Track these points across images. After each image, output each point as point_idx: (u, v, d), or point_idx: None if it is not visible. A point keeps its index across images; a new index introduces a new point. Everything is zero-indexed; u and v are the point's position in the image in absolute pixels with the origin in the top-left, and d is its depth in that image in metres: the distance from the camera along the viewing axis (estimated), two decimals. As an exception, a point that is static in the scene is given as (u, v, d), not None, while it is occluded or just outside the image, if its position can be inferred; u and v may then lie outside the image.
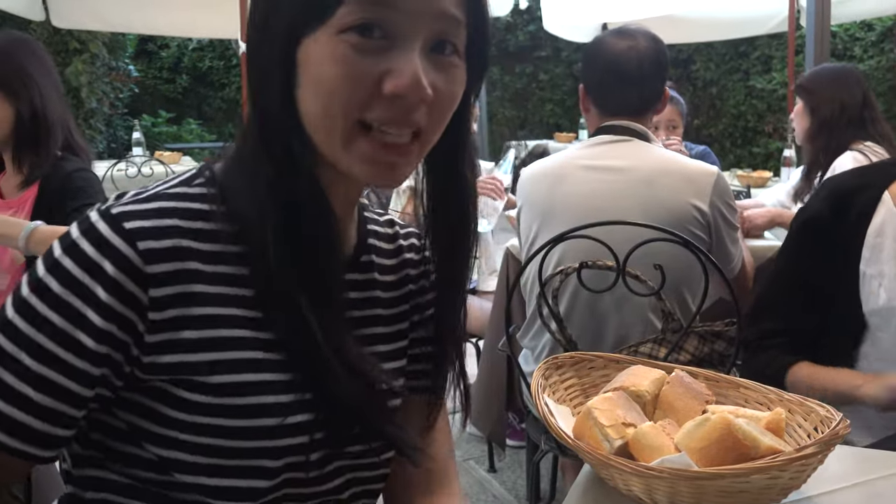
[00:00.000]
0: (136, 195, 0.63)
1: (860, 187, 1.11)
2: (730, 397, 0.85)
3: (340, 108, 0.58)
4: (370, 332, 0.73)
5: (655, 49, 1.64)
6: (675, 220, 1.52)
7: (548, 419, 0.79)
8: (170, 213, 0.61)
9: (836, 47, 6.33)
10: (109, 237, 0.58)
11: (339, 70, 0.57)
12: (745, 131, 7.37)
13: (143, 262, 0.58)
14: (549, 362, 0.92)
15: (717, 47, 7.34)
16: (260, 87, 0.62)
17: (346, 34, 0.57)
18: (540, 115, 8.67)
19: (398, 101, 0.58)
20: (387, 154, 0.60)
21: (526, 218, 1.71)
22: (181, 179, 0.66)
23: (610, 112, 1.66)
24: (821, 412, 0.74)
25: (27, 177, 1.62)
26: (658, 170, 1.56)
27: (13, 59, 1.59)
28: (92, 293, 0.58)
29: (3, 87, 1.57)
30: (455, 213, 0.70)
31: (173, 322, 0.60)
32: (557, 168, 1.68)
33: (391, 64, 0.58)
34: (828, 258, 1.10)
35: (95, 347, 0.58)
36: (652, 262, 1.40)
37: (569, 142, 6.37)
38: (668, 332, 1.53)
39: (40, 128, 1.60)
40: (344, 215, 0.70)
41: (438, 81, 0.60)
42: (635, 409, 0.80)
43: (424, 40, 0.59)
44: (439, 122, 0.62)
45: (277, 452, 0.63)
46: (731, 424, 0.68)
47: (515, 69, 8.59)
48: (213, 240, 0.62)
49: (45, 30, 6.04)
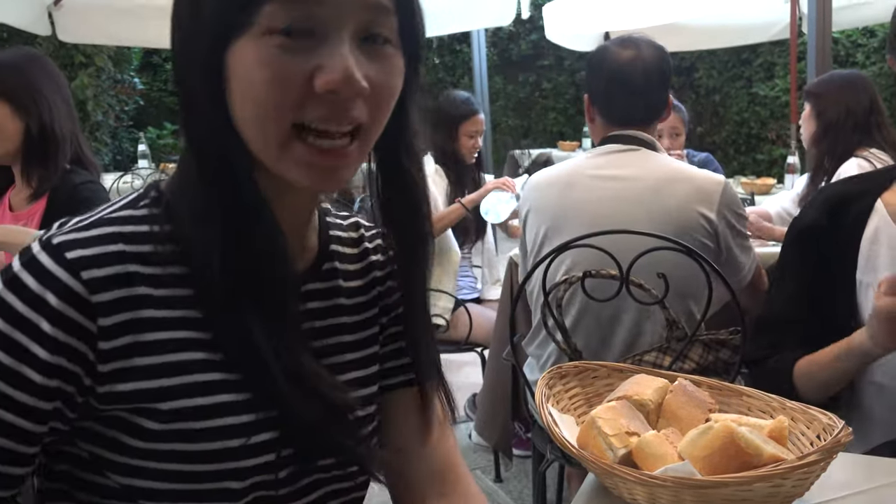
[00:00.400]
0: (78, 222, 0.61)
1: (854, 195, 1.12)
2: (733, 405, 0.86)
3: (273, 112, 0.56)
4: (335, 342, 0.72)
5: (659, 58, 1.65)
6: (681, 228, 1.53)
7: (552, 429, 0.79)
8: (113, 239, 0.60)
9: (838, 53, 6.33)
10: (51, 268, 0.57)
11: (267, 73, 0.55)
12: (749, 138, 7.37)
13: (87, 291, 0.57)
14: (552, 372, 0.92)
15: (720, 55, 7.35)
16: (190, 95, 0.60)
17: (272, 36, 0.55)
18: (543, 124, 8.69)
19: (332, 97, 0.56)
20: (324, 159, 0.58)
21: (532, 224, 1.71)
22: (127, 201, 0.64)
23: (616, 122, 1.67)
24: (823, 420, 0.74)
25: (36, 190, 1.64)
26: (665, 178, 1.57)
27: (23, 75, 1.62)
28: (36, 327, 0.56)
29: (12, 102, 1.60)
30: (404, 206, 0.69)
31: (125, 350, 0.59)
32: (565, 176, 1.69)
33: (321, 60, 0.56)
34: (825, 267, 1.10)
35: (44, 382, 0.57)
36: (656, 270, 1.40)
37: (572, 150, 6.38)
38: (672, 341, 1.54)
39: (49, 142, 1.63)
40: (297, 224, 0.69)
41: (373, 73, 0.57)
42: (639, 417, 0.80)
43: (353, 32, 0.57)
44: (379, 115, 0.60)
45: (243, 473, 0.63)
46: (734, 433, 0.68)
47: (518, 78, 8.61)
48: (160, 262, 0.61)
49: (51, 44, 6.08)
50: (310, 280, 0.71)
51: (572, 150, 6.35)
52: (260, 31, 0.55)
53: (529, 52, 8.42)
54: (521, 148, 6.48)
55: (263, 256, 0.61)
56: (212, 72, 0.57)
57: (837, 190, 1.17)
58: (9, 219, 1.68)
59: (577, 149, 6.39)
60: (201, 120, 0.60)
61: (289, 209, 0.65)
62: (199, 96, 0.59)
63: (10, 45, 6.76)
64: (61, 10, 3.81)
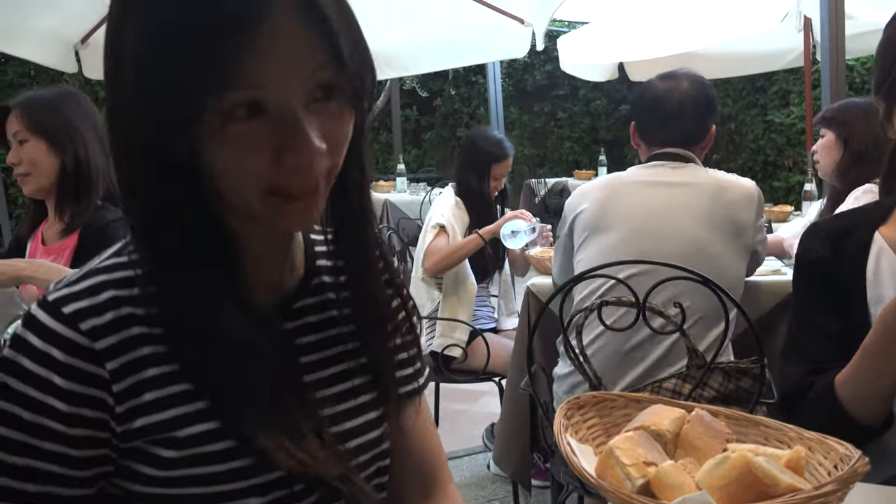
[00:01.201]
0: (69, 279, 0.65)
1: (851, 229, 1.12)
2: (750, 436, 0.86)
3: (247, 184, 0.59)
4: (335, 352, 0.75)
5: (697, 90, 1.83)
6: (737, 231, 1.74)
7: (570, 459, 0.80)
8: (103, 287, 0.63)
9: (853, 80, 6.34)
10: (51, 325, 0.61)
11: (235, 161, 0.58)
12: (765, 165, 7.36)
13: (89, 340, 0.61)
14: (570, 402, 0.93)
15: (735, 83, 7.38)
16: (153, 168, 0.60)
17: (232, 123, 0.57)
18: (559, 153, 8.73)
19: (301, 171, 0.59)
20: (299, 205, 0.62)
21: (581, 228, 1.83)
22: (114, 250, 0.68)
23: (656, 146, 1.86)
24: (840, 450, 0.75)
25: (68, 225, 1.68)
26: (718, 185, 1.77)
27: (61, 112, 1.68)
28: (49, 382, 0.60)
29: (49, 139, 1.66)
30: (346, 211, 0.71)
31: (133, 389, 0.62)
32: (615, 183, 1.85)
33: (283, 140, 0.58)
34: (838, 302, 1.10)
35: (69, 431, 0.60)
36: (684, 294, 1.46)
37: (588, 179, 6.40)
38: (692, 368, 1.55)
39: (83, 179, 1.67)
40: (276, 249, 0.72)
41: (327, 129, 0.60)
42: (656, 448, 0.81)
43: (304, 101, 0.59)
44: (337, 160, 0.63)
45: (262, 489, 0.65)
46: (751, 463, 0.69)
47: (534, 108, 8.68)
48: (148, 303, 0.63)
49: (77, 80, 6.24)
50: (301, 296, 0.74)
51: (588, 179, 6.37)
52: (220, 119, 0.57)
53: (544, 82, 8.50)
54: (536, 177, 6.51)
55: (225, 288, 0.64)
56: (182, 155, 0.59)
57: (835, 224, 1.16)
58: (41, 253, 1.73)
59: (593, 177, 6.42)
60: (170, 187, 0.61)
61: (260, 236, 0.68)
62: (167, 158, 0.59)
63: (38, 81, 6.95)
64: (88, 49, 3.93)
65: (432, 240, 2.68)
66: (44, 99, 1.71)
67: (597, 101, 8.48)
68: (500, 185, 2.86)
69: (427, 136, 8.87)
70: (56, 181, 1.68)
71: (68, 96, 1.74)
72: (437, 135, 8.80)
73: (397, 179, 5.93)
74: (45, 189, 1.69)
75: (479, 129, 2.99)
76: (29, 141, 1.66)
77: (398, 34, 4.12)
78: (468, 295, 2.73)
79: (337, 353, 0.75)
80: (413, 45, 4.33)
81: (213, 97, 0.55)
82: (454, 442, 2.97)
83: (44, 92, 1.74)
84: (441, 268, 2.66)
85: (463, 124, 8.61)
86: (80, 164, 1.67)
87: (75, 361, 0.60)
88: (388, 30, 4.02)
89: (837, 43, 3.10)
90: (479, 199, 2.79)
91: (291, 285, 0.74)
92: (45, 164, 1.67)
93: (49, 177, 1.68)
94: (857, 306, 1.08)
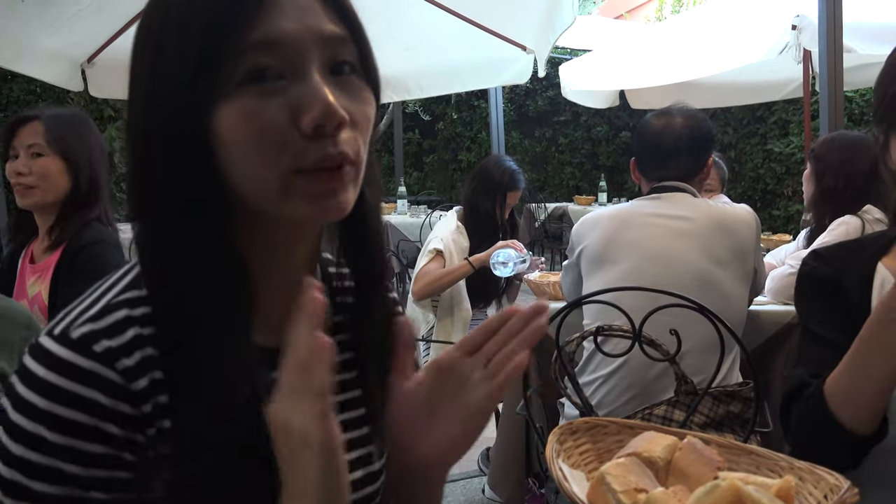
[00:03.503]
0: (84, 310, 0.60)
1: (854, 257, 1.11)
2: (741, 464, 0.87)
3: (267, 160, 0.56)
4: (348, 398, 0.72)
5: (691, 126, 1.88)
6: (742, 255, 1.79)
7: (562, 484, 0.80)
8: (128, 325, 0.59)
9: (852, 112, 6.39)
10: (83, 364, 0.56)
11: (252, 127, 0.56)
12: (765, 194, 7.40)
13: (125, 380, 0.57)
14: (563, 427, 0.94)
15: (735, 112, 7.44)
16: (170, 169, 0.58)
17: (243, 87, 0.56)
18: (559, 178, 8.78)
19: (320, 131, 0.56)
20: (324, 183, 0.58)
21: (587, 260, 1.87)
22: (130, 281, 0.63)
23: (654, 181, 1.92)
24: (830, 480, 0.75)
25: (53, 242, 1.69)
26: (717, 215, 1.82)
27: (82, 135, 1.71)
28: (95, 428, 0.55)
29: (68, 159, 1.68)
30: (361, 234, 0.69)
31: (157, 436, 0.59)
32: (624, 214, 1.91)
33: (299, 99, 0.56)
34: (846, 317, 1.08)
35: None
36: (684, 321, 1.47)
37: (588, 204, 6.43)
38: (681, 394, 1.56)
39: (87, 201, 1.69)
40: (291, 279, 0.66)
41: (348, 105, 0.58)
42: (648, 474, 0.81)
43: (320, 66, 0.57)
44: (365, 142, 0.61)
45: None
46: (741, 491, 0.69)
47: (535, 133, 8.75)
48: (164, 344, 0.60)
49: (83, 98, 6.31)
50: None
51: (588, 205, 6.40)
52: (232, 86, 0.56)
53: (546, 108, 8.57)
54: (537, 202, 6.54)
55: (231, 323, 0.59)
56: (200, 141, 0.57)
57: (837, 254, 1.15)
58: (29, 271, 1.73)
59: (594, 203, 6.45)
60: (181, 189, 0.58)
61: (283, 262, 0.65)
62: (184, 168, 0.58)
63: (44, 99, 7.01)
64: (94, 68, 3.97)
65: (426, 263, 2.69)
66: (67, 118, 1.73)
67: (598, 128, 8.55)
68: (508, 213, 2.88)
69: (428, 160, 8.92)
70: (63, 200, 1.69)
71: (85, 120, 1.77)
72: (438, 158, 8.86)
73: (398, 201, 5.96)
74: (46, 205, 1.70)
75: (495, 156, 3.01)
76: (46, 156, 1.67)
77: (402, 58, 4.16)
78: (463, 318, 2.74)
79: (349, 379, 0.72)
80: (416, 69, 4.38)
81: (229, 62, 0.55)
82: (450, 466, 2.95)
83: (63, 113, 1.76)
84: (427, 293, 2.67)
85: (464, 148, 8.67)
86: (91, 185, 1.69)
87: (119, 405, 0.56)
88: (392, 54, 4.07)
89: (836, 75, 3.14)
90: (487, 225, 2.80)
91: None
92: (58, 182, 1.68)
93: (56, 194, 1.69)
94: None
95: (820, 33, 3.11)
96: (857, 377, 0.96)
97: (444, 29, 3.96)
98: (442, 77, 4.48)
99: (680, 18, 7.03)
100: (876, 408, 0.95)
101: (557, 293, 2.34)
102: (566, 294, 2.05)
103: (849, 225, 2.10)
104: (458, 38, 4.03)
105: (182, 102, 0.57)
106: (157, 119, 0.58)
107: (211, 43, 0.55)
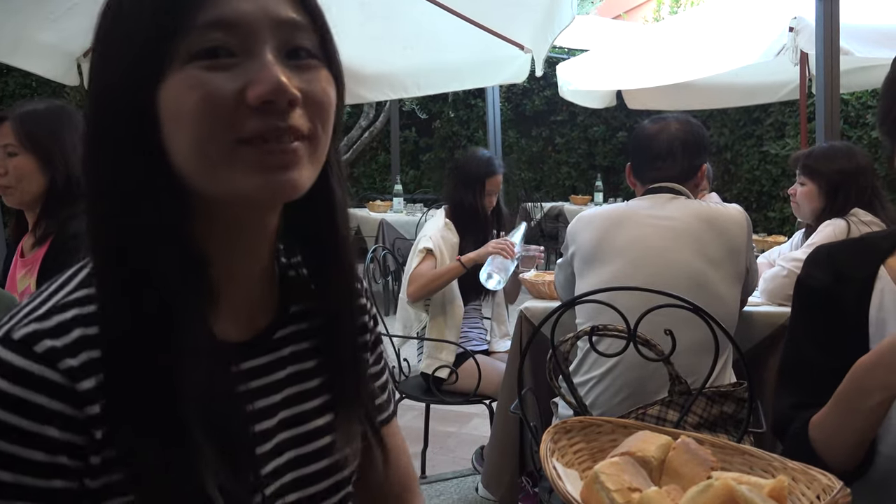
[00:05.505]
0: (31, 310, 0.57)
1: (856, 259, 1.08)
2: (735, 464, 0.87)
3: (210, 130, 0.55)
4: (314, 385, 0.72)
5: (686, 131, 1.91)
6: (735, 253, 1.80)
7: (556, 483, 0.80)
8: (74, 325, 0.57)
9: (848, 115, 6.40)
10: (24, 365, 0.54)
11: (196, 94, 0.54)
12: (760, 196, 7.41)
13: (69, 380, 0.55)
14: (557, 426, 0.93)
15: (731, 113, 7.45)
16: (113, 146, 0.57)
17: (196, 62, 0.55)
18: (556, 178, 8.79)
19: (268, 108, 0.55)
20: (275, 156, 0.56)
21: (580, 259, 1.89)
22: (81, 280, 0.61)
23: (649, 183, 1.94)
24: (823, 481, 0.75)
25: (40, 236, 1.68)
26: (708, 216, 1.83)
27: (55, 129, 1.67)
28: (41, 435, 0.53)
29: (41, 156, 1.65)
30: (325, 225, 0.68)
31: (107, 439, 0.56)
32: (618, 214, 1.92)
33: (249, 75, 0.55)
34: (833, 337, 1.05)
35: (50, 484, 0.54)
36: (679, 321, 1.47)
37: (584, 204, 6.44)
38: (674, 395, 1.56)
39: (68, 196, 1.66)
40: (258, 271, 0.66)
41: (303, 84, 0.57)
42: (641, 474, 0.81)
43: (276, 48, 0.57)
44: (322, 122, 0.60)
45: None
46: (734, 491, 0.69)
47: (532, 133, 8.75)
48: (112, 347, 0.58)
49: (78, 93, 6.30)
50: (280, 326, 0.70)
51: (584, 204, 6.41)
52: (183, 61, 0.55)
53: (543, 107, 8.57)
54: (533, 201, 6.55)
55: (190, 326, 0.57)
56: (143, 114, 0.56)
57: (840, 253, 1.11)
58: (20, 265, 1.72)
59: (590, 202, 6.45)
60: (130, 172, 0.57)
61: (244, 256, 0.64)
62: (131, 148, 0.56)
63: (39, 92, 6.98)
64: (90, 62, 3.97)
65: (418, 264, 2.69)
66: (39, 114, 1.68)
67: (594, 128, 8.55)
68: (493, 202, 2.87)
69: (425, 158, 8.92)
70: (42, 197, 1.67)
71: (62, 112, 1.72)
72: (434, 156, 8.86)
73: (394, 199, 5.95)
74: (26, 203, 1.69)
75: (469, 150, 3.03)
76: (18, 155, 1.65)
77: (400, 56, 4.16)
78: (455, 316, 2.74)
79: (315, 387, 0.72)
80: (414, 67, 4.38)
81: (180, 39, 0.55)
82: (443, 464, 2.96)
83: (40, 106, 1.72)
84: (422, 294, 2.68)
85: (461, 146, 8.67)
86: (69, 182, 1.65)
87: (60, 406, 0.54)
88: (390, 51, 4.06)
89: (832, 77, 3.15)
90: (473, 218, 2.80)
91: (269, 317, 0.70)
92: (33, 180, 1.65)
93: (33, 192, 1.66)
94: (857, 345, 1.02)
95: (817, 35, 3.12)
96: (845, 428, 0.94)
97: (443, 27, 3.96)
98: (440, 75, 4.48)
99: (677, 19, 7.04)
100: (863, 446, 0.96)
101: (552, 292, 2.35)
102: (559, 291, 2.06)
103: (835, 227, 2.15)
104: (456, 37, 4.03)
105: (129, 80, 0.56)
106: (106, 99, 0.57)
107: (163, 21, 0.55)
